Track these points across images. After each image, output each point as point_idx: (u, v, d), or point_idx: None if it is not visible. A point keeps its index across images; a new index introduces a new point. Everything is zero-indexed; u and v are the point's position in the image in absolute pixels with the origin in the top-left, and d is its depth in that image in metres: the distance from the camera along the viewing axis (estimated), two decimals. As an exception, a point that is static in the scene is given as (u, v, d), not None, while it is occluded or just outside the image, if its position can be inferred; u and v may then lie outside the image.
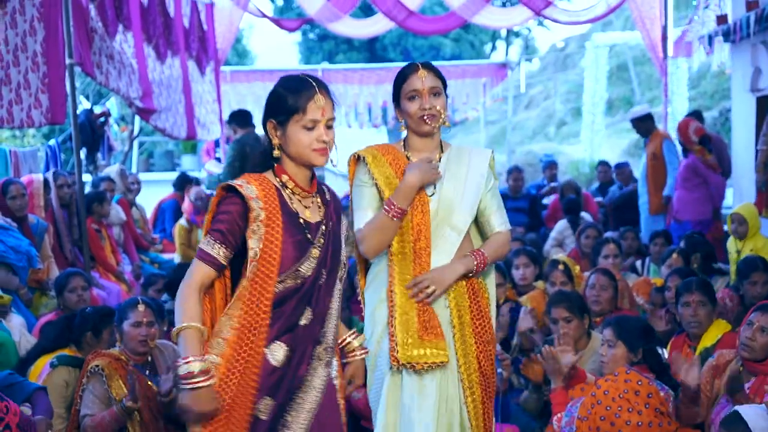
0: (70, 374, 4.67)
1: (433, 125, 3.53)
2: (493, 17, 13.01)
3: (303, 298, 2.87)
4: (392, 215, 3.42)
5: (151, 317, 4.62)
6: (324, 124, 2.86)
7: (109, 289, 7.24)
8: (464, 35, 32.99)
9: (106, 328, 4.86)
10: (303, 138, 2.84)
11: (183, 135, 10.63)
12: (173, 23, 10.06)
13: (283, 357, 2.84)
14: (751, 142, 8.17)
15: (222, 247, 2.81)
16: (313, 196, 2.98)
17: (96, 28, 7.64)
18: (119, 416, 4.33)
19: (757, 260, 5.89)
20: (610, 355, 4.42)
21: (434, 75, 3.55)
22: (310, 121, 2.83)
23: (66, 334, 4.93)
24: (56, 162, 9.14)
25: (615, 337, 4.43)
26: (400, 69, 3.63)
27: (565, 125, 23.37)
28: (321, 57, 33.40)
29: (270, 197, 2.85)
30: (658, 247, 7.73)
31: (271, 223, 2.82)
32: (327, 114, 2.86)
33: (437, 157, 3.61)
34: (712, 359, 4.44)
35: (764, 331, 4.14)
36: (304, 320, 2.88)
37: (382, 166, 3.55)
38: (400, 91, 3.57)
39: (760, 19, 7.66)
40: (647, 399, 4.11)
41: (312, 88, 2.85)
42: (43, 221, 6.91)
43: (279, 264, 2.81)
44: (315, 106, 2.83)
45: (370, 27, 13.65)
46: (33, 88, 6.42)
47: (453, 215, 3.54)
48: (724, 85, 17.99)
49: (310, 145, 2.85)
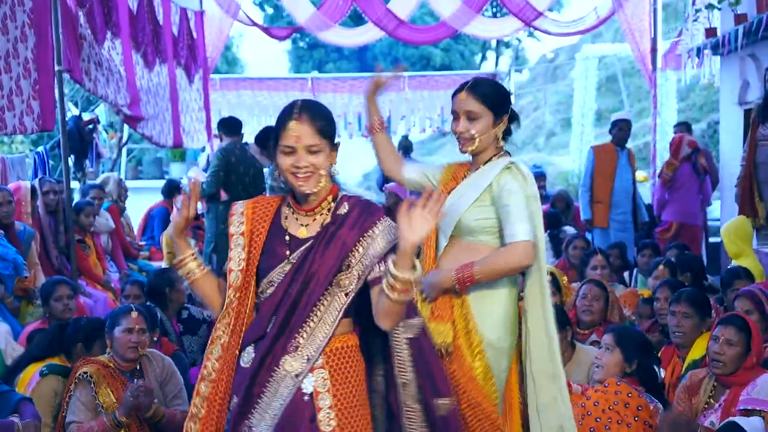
0: (59, 383, 4.65)
1: (463, 149, 3.62)
2: (483, 27, 13.02)
3: (273, 309, 2.93)
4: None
5: (143, 324, 4.62)
6: (303, 150, 2.86)
7: (96, 297, 7.20)
8: (454, 45, 33.05)
9: (98, 340, 4.84)
10: (282, 162, 2.90)
11: (169, 143, 10.60)
12: (162, 31, 10.02)
13: (249, 360, 2.94)
14: (739, 154, 8.19)
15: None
16: (316, 214, 2.98)
17: (85, 34, 7.61)
18: (109, 429, 4.33)
19: (740, 269, 6.02)
20: (606, 359, 4.45)
21: (475, 99, 3.55)
22: (285, 147, 2.88)
23: (56, 343, 4.91)
24: (44, 169, 9.10)
25: (614, 343, 4.47)
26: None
27: (554, 136, 23.44)
28: (311, 66, 33.42)
29: (262, 213, 3.01)
30: (645, 258, 7.75)
31: (254, 236, 2.97)
32: (303, 141, 2.85)
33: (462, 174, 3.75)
34: (685, 380, 4.46)
35: (730, 343, 4.19)
36: (272, 329, 2.91)
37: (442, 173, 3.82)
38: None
39: (749, 33, 7.71)
40: (637, 412, 4.12)
41: (288, 115, 2.88)
42: (30, 228, 6.87)
43: (255, 275, 2.96)
44: (287, 133, 2.87)
45: (360, 36, 13.65)
46: (25, 94, 6.40)
47: (443, 220, 3.58)
48: (713, 97, 18.07)
49: (288, 170, 2.89)
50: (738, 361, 4.18)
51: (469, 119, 3.55)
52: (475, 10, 12.10)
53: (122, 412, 4.33)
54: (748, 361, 4.17)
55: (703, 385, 4.34)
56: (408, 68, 4.00)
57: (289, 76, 22.62)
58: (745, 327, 4.22)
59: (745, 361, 4.17)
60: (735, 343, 4.18)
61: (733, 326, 4.21)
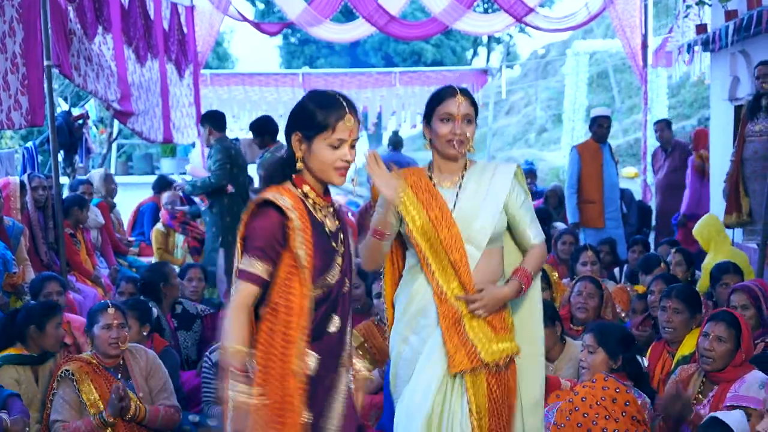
0: (18, 373, 4.67)
1: (460, 151, 3.59)
2: (474, 23, 13.01)
3: (330, 306, 2.92)
4: (374, 234, 3.49)
5: (121, 320, 4.61)
6: (349, 144, 2.90)
7: (86, 292, 7.17)
8: (445, 41, 33.02)
9: (50, 321, 4.82)
10: (328, 156, 2.87)
11: (159, 138, 10.57)
12: (153, 25, 10.00)
13: (315, 365, 2.87)
14: (729, 151, 8.21)
15: (262, 263, 2.82)
16: (329, 206, 3.01)
17: (75, 29, 7.58)
18: (95, 428, 4.32)
19: (729, 264, 6.02)
20: (590, 361, 4.44)
21: (469, 102, 3.60)
22: (337, 140, 2.87)
23: (10, 331, 4.88)
24: (33, 164, 9.07)
25: (596, 344, 4.45)
26: (437, 89, 3.67)
27: (545, 132, 23.47)
28: (302, 61, 33.33)
29: (300, 208, 2.87)
30: (636, 254, 7.76)
31: (304, 234, 2.84)
32: (354, 134, 2.90)
33: (460, 176, 3.66)
34: (675, 375, 4.47)
35: (721, 340, 4.20)
36: (332, 328, 2.94)
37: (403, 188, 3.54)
38: (433, 111, 3.62)
39: (739, 29, 7.72)
40: (624, 407, 4.12)
41: (343, 108, 2.88)
42: (19, 224, 6.84)
43: (312, 273, 2.84)
44: (344, 126, 2.87)
45: (351, 32, 13.62)
46: (13, 89, 6.37)
47: (469, 229, 3.56)
48: (703, 94, 18.11)
49: (333, 164, 2.88)
50: (728, 358, 4.18)
51: (467, 122, 3.57)
52: (466, 6, 12.08)
53: (110, 412, 4.33)
54: (738, 357, 4.18)
55: (692, 381, 4.36)
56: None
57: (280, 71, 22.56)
58: (735, 323, 4.23)
59: (734, 358, 4.18)
60: (725, 339, 4.19)
61: (724, 322, 4.22)
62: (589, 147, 9.17)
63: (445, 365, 3.51)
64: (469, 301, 3.51)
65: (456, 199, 3.62)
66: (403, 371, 3.63)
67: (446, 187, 3.66)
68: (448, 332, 3.52)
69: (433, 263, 3.55)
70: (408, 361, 3.61)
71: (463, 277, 3.53)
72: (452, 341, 3.51)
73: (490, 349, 3.51)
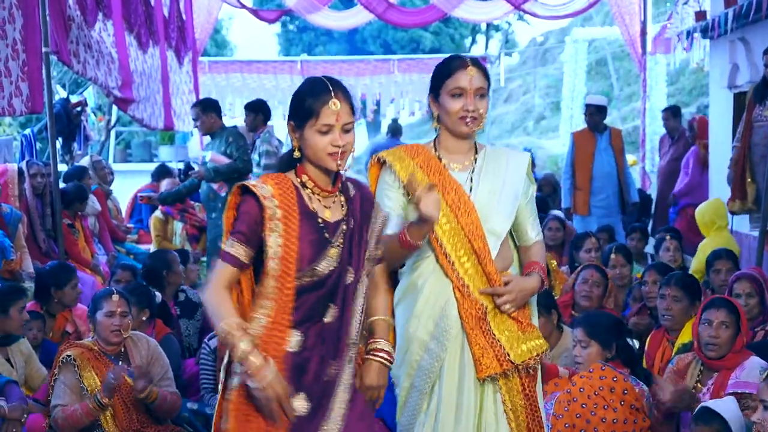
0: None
1: (473, 128, 3.30)
2: (472, 11, 13.01)
3: (326, 296, 2.89)
4: (404, 246, 3.18)
5: (125, 308, 4.61)
6: (339, 129, 2.84)
7: (84, 280, 7.15)
8: (444, 29, 32.93)
9: (14, 305, 4.82)
10: (318, 142, 2.84)
11: (160, 125, 10.57)
12: (154, 12, 9.99)
13: (295, 343, 2.85)
14: (728, 138, 8.20)
15: (243, 247, 2.83)
16: (336, 195, 2.96)
17: (73, 16, 7.56)
18: (92, 411, 4.33)
19: (722, 251, 6.03)
20: (585, 355, 4.43)
21: (482, 75, 3.29)
22: (323, 126, 2.83)
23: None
24: (31, 151, 9.06)
25: (587, 337, 4.44)
26: (445, 60, 3.37)
27: (544, 119, 23.42)
28: (300, 49, 33.23)
29: (287, 196, 2.85)
30: (635, 242, 7.76)
31: (288, 222, 2.82)
32: (342, 119, 2.84)
33: (472, 159, 3.39)
34: (672, 365, 4.46)
35: (725, 325, 4.17)
36: (328, 317, 2.90)
37: (410, 169, 3.31)
38: (442, 84, 3.30)
39: (738, 16, 7.70)
40: (622, 396, 4.13)
41: (327, 93, 2.83)
42: (17, 211, 6.83)
43: (296, 261, 2.82)
44: (329, 110, 2.82)
45: (350, 19, 13.62)
46: (14, 76, 6.35)
47: (489, 219, 3.31)
48: (702, 81, 18.07)
49: (324, 149, 2.84)
50: (730, 344, 4.17)
51: (479, 96, 3.28)
52: (465, -7, 12.09)
53: (104, 393, 4.32)
54: (738, 343, 4.17)
55: (690, 370, 4.34)
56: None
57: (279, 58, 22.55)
58: (734, 309, 4.22)
59: (735, 344, 4.17)
60: (729, 325, 4.16)
61: (725, 309, 4.20)
62: (584, 134, 9.26)
63: (473, 373, 3.26)
64: (496, 294, 3.27)
65: (471, 184, 3.34)
66: (421, 381, 3.33)
67: (457, 170, 3.36)
68: (473, 332, 3.25)
69: (452, 253, 3.27)
70: (426, 370, 3.31)
71: (488, 266, 3.27)
72: (478, 343, 3.25)
73: (519, 349, 3.26)
